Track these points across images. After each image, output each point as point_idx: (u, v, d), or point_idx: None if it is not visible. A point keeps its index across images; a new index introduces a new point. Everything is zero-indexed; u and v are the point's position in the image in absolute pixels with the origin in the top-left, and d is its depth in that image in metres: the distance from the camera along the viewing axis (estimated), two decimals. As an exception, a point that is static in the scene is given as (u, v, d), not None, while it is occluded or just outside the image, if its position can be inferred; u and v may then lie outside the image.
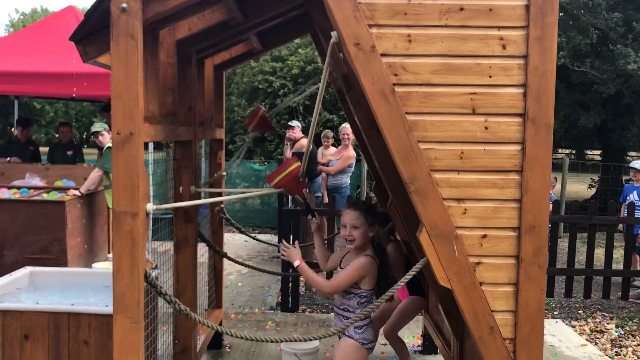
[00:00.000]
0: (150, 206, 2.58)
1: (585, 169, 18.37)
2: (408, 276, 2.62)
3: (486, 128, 2.44)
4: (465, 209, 2.46)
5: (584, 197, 15.08)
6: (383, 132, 2.44)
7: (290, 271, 6.06)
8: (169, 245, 4.02)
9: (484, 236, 2.47)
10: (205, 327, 4.38)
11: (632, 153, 19.59)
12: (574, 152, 28.89)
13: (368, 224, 3.08)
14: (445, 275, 2.46)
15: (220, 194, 4.64)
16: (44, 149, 12.11)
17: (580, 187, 17.57)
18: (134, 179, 2.45)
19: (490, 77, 2.41)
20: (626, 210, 7.11)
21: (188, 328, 3.57)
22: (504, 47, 2.41)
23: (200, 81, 3.80)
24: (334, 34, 2.48)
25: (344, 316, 3.12)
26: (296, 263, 3.02)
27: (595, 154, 23.00)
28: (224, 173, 4.68)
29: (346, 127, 7.94)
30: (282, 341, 2.82)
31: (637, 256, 7.17)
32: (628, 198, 7.55)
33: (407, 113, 2.43)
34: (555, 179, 8.00)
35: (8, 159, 8.22)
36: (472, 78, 2.41)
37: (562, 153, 27.44)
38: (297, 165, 2.96)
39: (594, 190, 15.99)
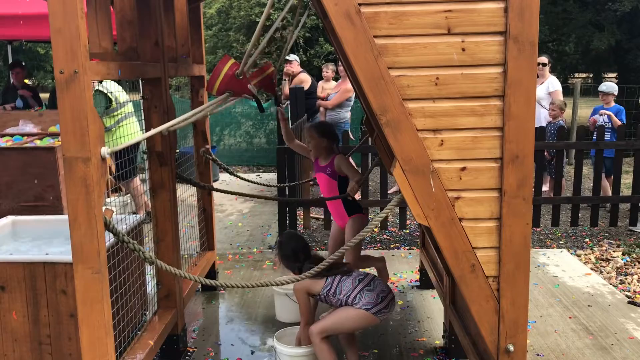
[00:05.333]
0: (105, 150, 2.41)
1: (601, 93, 17.73)
2: (364, 234, 2.46)
3: (463, 50, 2.20)
4: (442, 140, 2.26)
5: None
6: (350, 59, 2.21)
7: (287, 209, 5.95)
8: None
9: (463, 169, 2.28)
10: (198, 269, 4.32)
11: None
12: (591, 76, 27.92)
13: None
14: (421, 212, 2.29)
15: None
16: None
17: (595, 112, 17.05)
18: (82, 122, 2.28)
19: (466, -9, 2.16)
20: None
21: (170, 273, 3.46)
22: (481, -45, 2.14)
23: (169, 13, 3.55)
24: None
25: None
26: None
27: (611, 77, 22.24)
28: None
29: (344, 58, 7.62)
30: (264, 285, 2.72)
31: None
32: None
33: (375, 37, 2.20)
34: (565, 104, 7.65)
35: (4, 107, 8.01)
36: (446, -7, 2.16)
37: (578, 78, 26.57)
38: (232, 63, 2.76)
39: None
